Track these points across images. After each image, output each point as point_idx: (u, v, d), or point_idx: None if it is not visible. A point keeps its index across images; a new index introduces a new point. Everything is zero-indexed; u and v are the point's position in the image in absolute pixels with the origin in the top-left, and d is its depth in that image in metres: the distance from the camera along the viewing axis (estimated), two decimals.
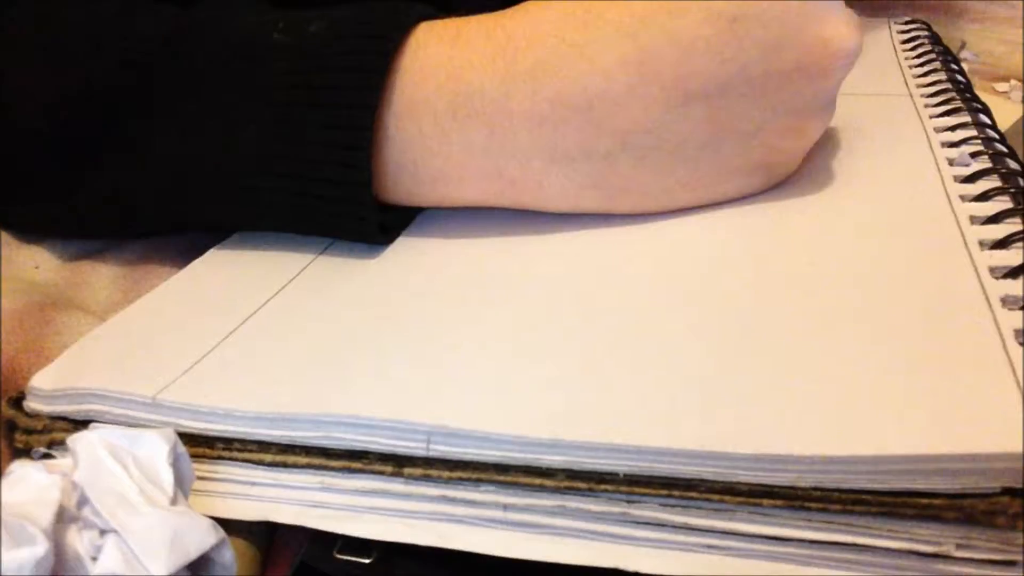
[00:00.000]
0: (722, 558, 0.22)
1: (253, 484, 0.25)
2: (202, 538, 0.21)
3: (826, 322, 0.27)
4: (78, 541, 0.21)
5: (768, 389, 0.24)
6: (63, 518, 0.21)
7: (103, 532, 0.21)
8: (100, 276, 0.35)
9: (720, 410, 0.23)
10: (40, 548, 0.20)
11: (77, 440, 0.22)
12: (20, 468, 0.22)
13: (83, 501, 0.21)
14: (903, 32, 0.55)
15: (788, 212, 0.34)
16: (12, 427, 0.28)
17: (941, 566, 0.21)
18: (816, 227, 0.32)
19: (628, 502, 0.23)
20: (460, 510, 0.24)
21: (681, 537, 0.22)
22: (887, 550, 0.21)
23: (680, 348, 0.26)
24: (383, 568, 0.24)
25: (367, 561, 0.24)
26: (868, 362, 0.24)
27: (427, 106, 0.32)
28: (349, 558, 0.24)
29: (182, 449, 0.23)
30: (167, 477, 0.22)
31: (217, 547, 0.21)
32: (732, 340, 0.26)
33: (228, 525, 0.25)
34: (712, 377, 0.25)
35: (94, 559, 0.21)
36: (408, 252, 0.34)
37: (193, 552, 0.21)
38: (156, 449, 0.23)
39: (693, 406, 0.24)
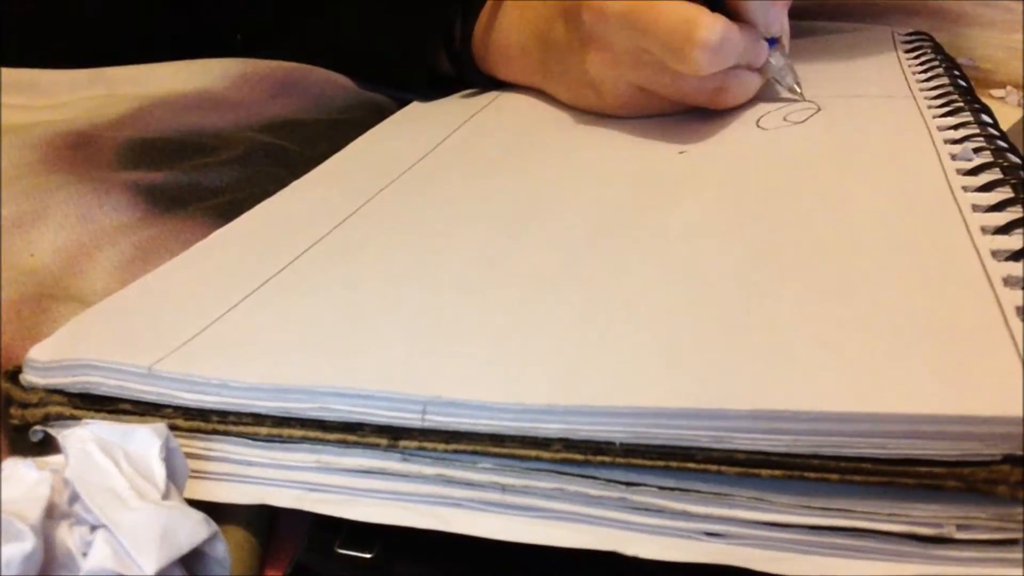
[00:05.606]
0: (720, 545, 0.22)
1: (249, 464, 0.25)
2: (193, 532, 0.21)
3: (829, 290, 0.27)
4: (69, 537, 0.21)
5: (768, 351, 0.24)
6: (54, 514, 0.21)
7: (94, 528, 0.21)
8: (97, 266, 0.35)
9: (719, 370, 0.23)
10: (28, 544, 0.20)
11: (68, 436, 0.22)
12: (11, 465, 0.21)
13: (74, 497, 0.21)
14: (906, 42, 0.56)
15: (798, 192, 0.34)
16: (8, 402, 0.27)
17: (942, 551, 0.21)
18: (823, 207, 0.33)
19: (627, 484, 0.22)
20: (459, 492, 0.24)
21: (680, 523, 0.22)
22: (887, 534, 0.21)
23: (678, 310, 0.26)
24: (384, 563, 0.24)
25: (368, 556, 0.24)
26: (870, 328, 0.24)
27: None
28: (350, 552, 0.24)
29: (175, 444, 0.23)
30: (159, 472, 0.22)
31: (210, 541, 0.21)
32: (733, 302, 0.27)
33: (226, 516, 0.25)
34: (711, 338, 0.25)
35: (85, 555, 0.21)
36: (405, 229, 0.35)
37: (184, 546, 0.21)
38: (148, 444, 0.22)
39: (691, 367, 0.23)
